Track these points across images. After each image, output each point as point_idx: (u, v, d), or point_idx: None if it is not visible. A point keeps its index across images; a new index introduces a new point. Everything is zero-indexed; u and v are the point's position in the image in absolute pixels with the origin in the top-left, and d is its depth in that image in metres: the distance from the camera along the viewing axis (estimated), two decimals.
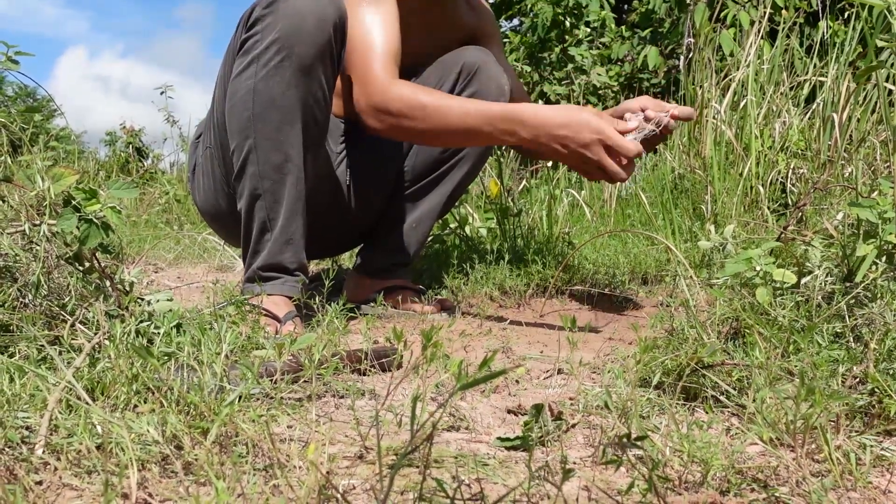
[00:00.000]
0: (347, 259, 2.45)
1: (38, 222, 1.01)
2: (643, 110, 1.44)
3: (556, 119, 1.38)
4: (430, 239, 2.17)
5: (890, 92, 2.32)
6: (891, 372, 0.91)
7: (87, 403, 0.70)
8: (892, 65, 2.39)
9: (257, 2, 1.36)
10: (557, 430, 0.84)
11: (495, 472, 0.73)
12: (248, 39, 1.36)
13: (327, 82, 1.39)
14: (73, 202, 0.97)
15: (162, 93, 4.85)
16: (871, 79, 2.38)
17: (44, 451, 0.66)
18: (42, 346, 0.86)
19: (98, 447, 0.67)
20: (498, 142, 1.45)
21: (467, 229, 2.27)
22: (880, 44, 1.21)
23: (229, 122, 1.39)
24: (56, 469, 0.65)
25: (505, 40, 6.10)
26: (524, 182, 3.31)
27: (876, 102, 2.43)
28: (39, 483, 0.64)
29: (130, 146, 5.48)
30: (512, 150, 3.48)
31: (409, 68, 1.68)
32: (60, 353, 0.87)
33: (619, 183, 1.41)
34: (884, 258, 1.19)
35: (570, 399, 1.00)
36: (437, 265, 2.10)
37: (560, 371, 1.18)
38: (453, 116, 1.41)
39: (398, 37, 1.49)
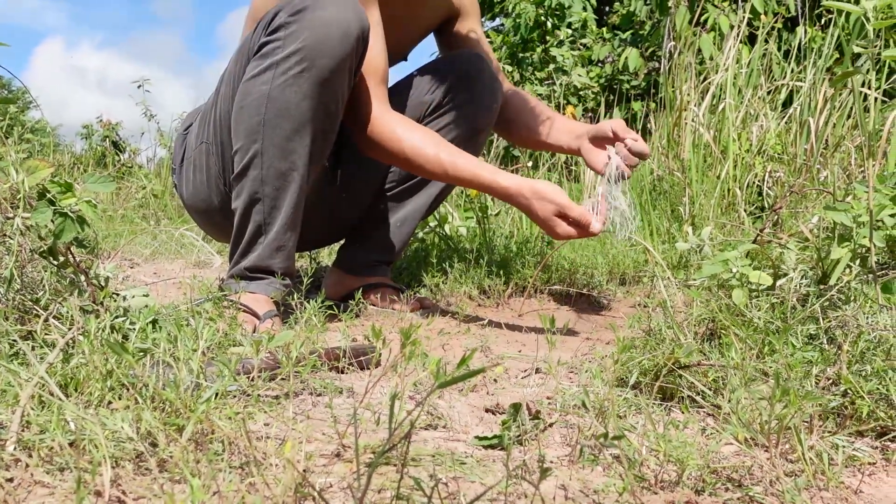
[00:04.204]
0: (327, 256, 2.44)
1: (11, 215, 0.99)
2: (615, 133, 1.55)
3: (518, 192, 1.44)
4: None
5: (865, 97, 2.35)
6: (863, 374, 0.92)
7: (60, 399, 0.69)
8: (868, 71, 2.42)
9: (282, 6, 1.34)
10: (535, 429, 0.85)
11: (473, 470, 0.73)
12: (267, 43, 1.34)
13: (342, 96, 1.38)
14: (48, 195, 0.96)
15: (139, 87, 4.79)
16: (847, 84, 2.41)
17: (15, 448, 0.65)
18: (14, 341, 0.85)
19: (71, 444, 0.66)
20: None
21: (447, 228, 2.27)
22: (856, 50, 1.22)
23: (236, 122, 1.37)
24: (27, 466, 0.64)
25: (487, 40, 6.09)
26: None
27: (851, 108, 2.47)
28: (10, 480, 0.63)
29: (107, 140, 5.41)
30: (492, 150, 3.50)
31: (397, 54, 1.68)
32: (33, 348, 0.86)
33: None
34: (857, 261, 1.21)
35: (548, 398, 1.00)
36: (417, 263, 2.10)
37: (538, 370, 1.18)
38: (428, 166, 1.46)
39: (384, 50, 1.48)
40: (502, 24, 6.79)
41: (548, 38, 5.34)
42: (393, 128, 1.45)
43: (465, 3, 1.78)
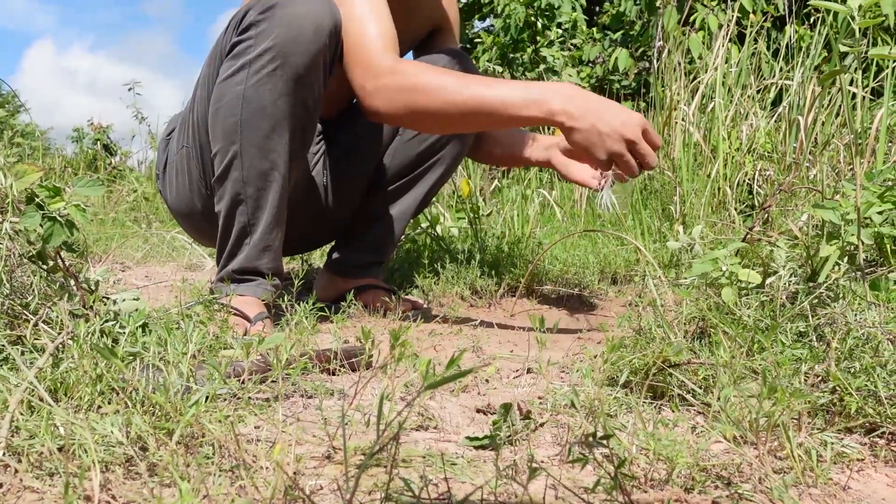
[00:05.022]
0: (318, 258, 2.44)
1: (0, 220, 0.99)
2: None
3: (594, 96, 1.28)
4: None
5: (853, 96, 2.36)
6: (852, 370, 0.92)
7: (49, 404, 0.69)
8: (856, 69, 2.44)
9: (251, 5, 1.33)
10: (526, 429, 0.85)
11: (463, 471, 0.73)
12: (239, 43, 1.33)
13: (318, 91, 1.37)
14: (37, 200, 0.95)
15: (130, 89, 4.77)
16: (835, 83, 2.43)
17: (4, 453, 0.65)
18: (3, 346, 0.84)
19: (60, 449, 0.66)
20: (518, 121, 1.29)
21: (438, 229, 2.27)
22: (844, 49, 1.23)
23: (213, 125, 1.36)
24: (17, 471, 0.64)
25: (477, 41, 6.12)
26: (496, 182, 3.33)
27: (840, 106, 2.48)
28: (0, 486, 0.63)
29: (98, 143, 5.39)
30: None
31: None
32: (22, 353, 0.85)
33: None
34: (846, 259, 1.22)
35: (539, 398, 1.00)
36: (409, 264, 2.10)
37: (529, 370, 1.18)
38: (472, 85, 1.30)
39: (392, 21, 1.45)
40: (492, 25, 6.80)
41: (538, 38, 5.36)
42: (411, 65, 1.36)
43: (450, 16, 1.79)
